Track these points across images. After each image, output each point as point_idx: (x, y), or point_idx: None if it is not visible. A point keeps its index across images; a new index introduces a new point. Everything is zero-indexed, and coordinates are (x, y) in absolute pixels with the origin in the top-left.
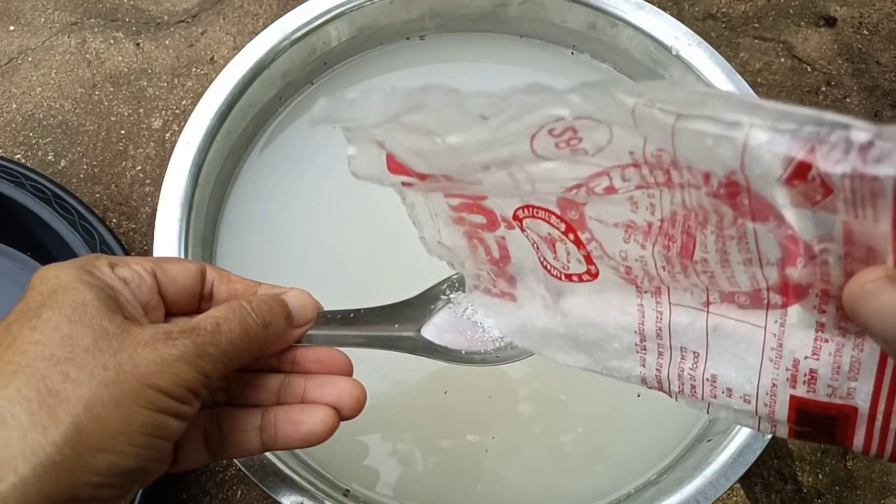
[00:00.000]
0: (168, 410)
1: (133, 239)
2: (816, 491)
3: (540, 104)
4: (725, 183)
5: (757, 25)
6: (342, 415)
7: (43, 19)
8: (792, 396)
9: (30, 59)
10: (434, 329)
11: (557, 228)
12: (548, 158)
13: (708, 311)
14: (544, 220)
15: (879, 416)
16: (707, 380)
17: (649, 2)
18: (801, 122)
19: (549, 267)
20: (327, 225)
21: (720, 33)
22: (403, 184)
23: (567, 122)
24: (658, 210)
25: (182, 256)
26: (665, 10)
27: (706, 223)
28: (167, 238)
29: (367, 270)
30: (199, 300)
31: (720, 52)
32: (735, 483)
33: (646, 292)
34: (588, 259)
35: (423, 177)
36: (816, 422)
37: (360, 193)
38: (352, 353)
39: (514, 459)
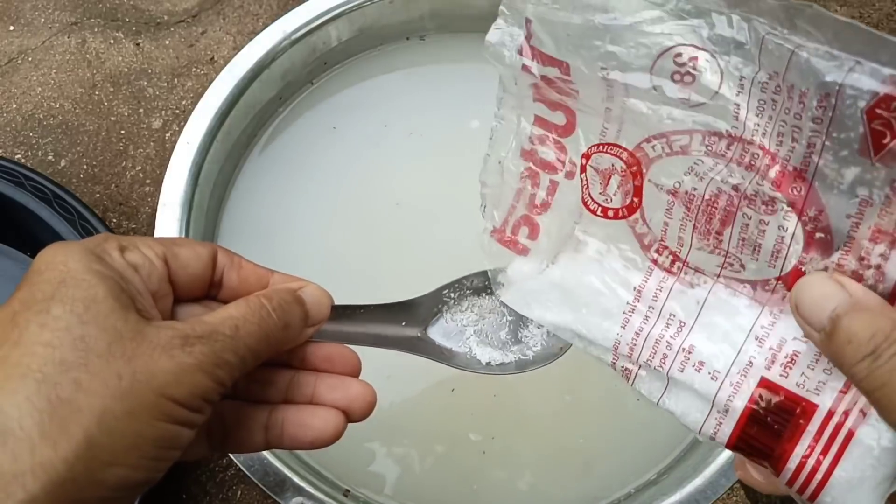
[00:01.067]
0: (182, 421)
1: None
2: None
3: (685, 13)
4: (817, 106)
5: None
6: (351, 418)
7: (43, 19)
8: (763, 378)
9: (30, 59)
10: (440, 331)
11: (624, 161)
12: (656, 88)
13: (716, 280)
14: (616, 155)
15: (835, 418)
16: (682, 349)
17: None
18: None
19: (588, 202)
20: (327, 225)
21: None
22: (524, 67)
23: (696, 49)
24: (712, 183)
25: None
26: None
27: (750, 206)
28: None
29: (367, 271)
30: (209, 286)
31: None
32: (735, 483)
33: (663, 252)
34: (637, 191)
35: (547, 61)
36: (772, 413)
37: (360, 193)
38: (357, 349)
39: (515, 460)
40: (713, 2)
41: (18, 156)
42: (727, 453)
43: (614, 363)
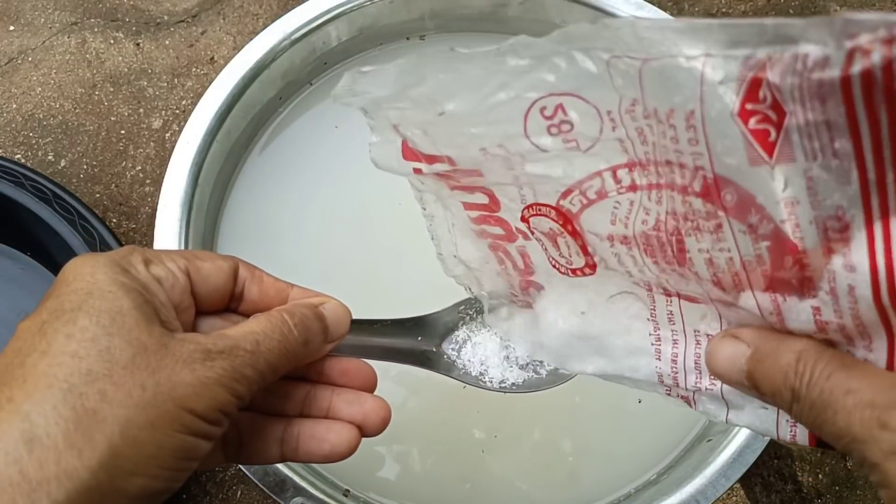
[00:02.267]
0: (200, 433)
1: (133, 239)
2: (816, 491)
3: (527, 69)
4: (686, 126)
5: None
6: (366, 433)
7: (43, 19)
8: None
9: (30, 59)
10: (455, 347)
11: (556, 222)
12: (541, 148)
13: (711, 302)
14: (545, 215)
15: None
16: None
17: (649, 2)
18: (754, 44)
19: (556, 264)
20: (328, 225)
21: None
22: (415, 170)
23: (556, 97)
24: (647, 216)
25: None
26: (665, 10)
27: (690, 226)
28: (167, 238)
29: (368, 272)
30: (230, 299)
31: None
32: (735, 483)
33: (650, 283)
34: (584, 250)
35: (430, 159)
36: None
37: (361, 193)
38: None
39: (516, 459)
40: (546, 46)
41: (18, 156)
42: (727, 453)
43: (668, 394)
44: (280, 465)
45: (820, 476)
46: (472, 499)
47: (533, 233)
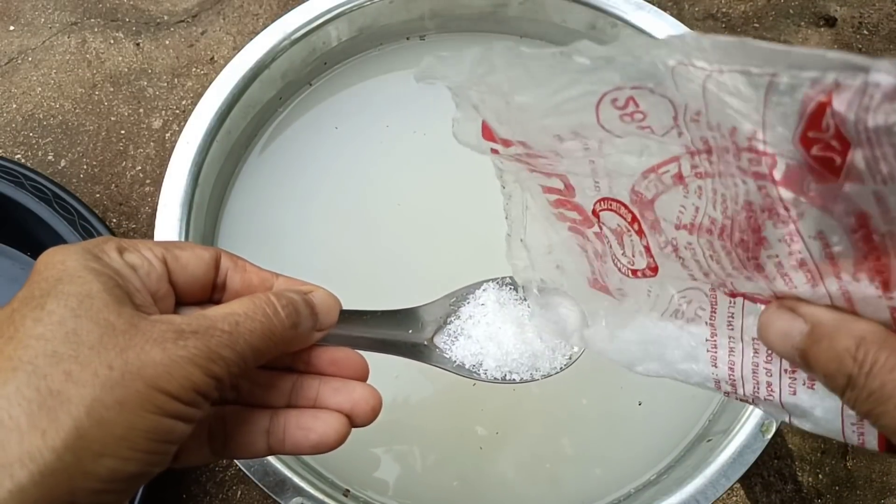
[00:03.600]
0: (175, 414)
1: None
2: (816, 491)
3: (592, 68)
4: (747, 147)
5: (757, 25)
6: (355, 423)
7: (43, 19)
8: None
9: (30, 59)
10: (448, 340)
11: (625, 219)
12: (615, 134)
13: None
14: (615, 211)
15: None
16: (784, 371)
17: (649, 2)
18: (824, 67)
19: (618, 264)
20: (328, 224)
21: (720, 33)
22: (492, 150)
23: (626, 91)
24: (717, 203)
25: None
26: (665, 10)
27: (766, 216)
28: (167, 238)
29: (368, 271)
30: (212, 290)
31: None
32: (735, 483)
33: (712, 284)
34: (648, 251)
35: (506, 143)
36: None
37: (361, 193)
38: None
39: (517, 459)
40: (610, 50)
41: (18, 156)
42: (727, 453)
43: (728, 395)
44: (280, 466)
45: (820, 476)
46: (472, 498)
47: (601, 228)
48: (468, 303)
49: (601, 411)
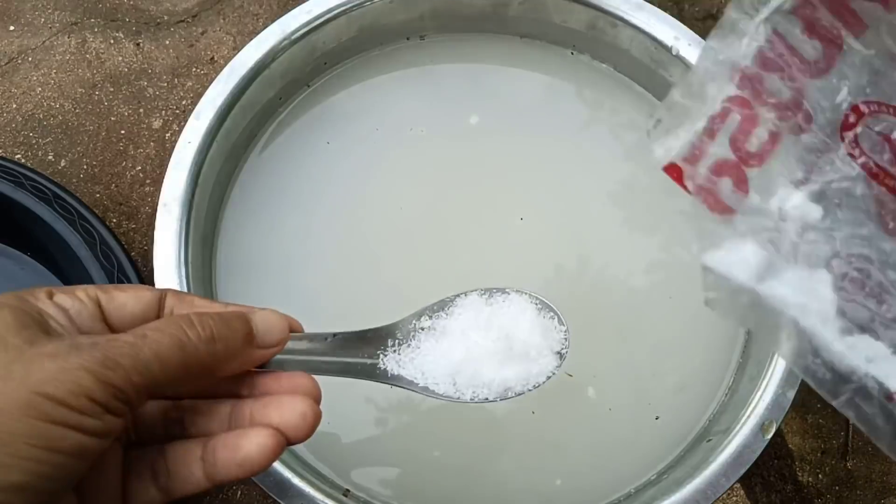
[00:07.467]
0: (65, 422)
1: (133, 239)
2: (816, 491)
3: None
4: None
5: None
6: (288, 436)
7: (43, 19)
8: None
9: (30, 59)
10: (413, 361)
11: None
12: None
13: None
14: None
15: None
16: None
17: (649, 2)
18: None
19: (879, 174)
20: (328, 225)
21: None
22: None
23: None
24: None
25: (182, 257)
26: (665, 10)
27: None
28: (167, 238)
29: (369, 270)
30: None
31: None
32: (735, 483)
33: None
34: None
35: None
36: None
37: (361, 192)
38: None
39: (518, 457)
40: None
41: (18, 156)
42: (727, 453)
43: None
44: (280, 466)
45: (820, 476)
46: (473, 497)
47: (850, 128)
48: (443, 317)
49: (602, 410)
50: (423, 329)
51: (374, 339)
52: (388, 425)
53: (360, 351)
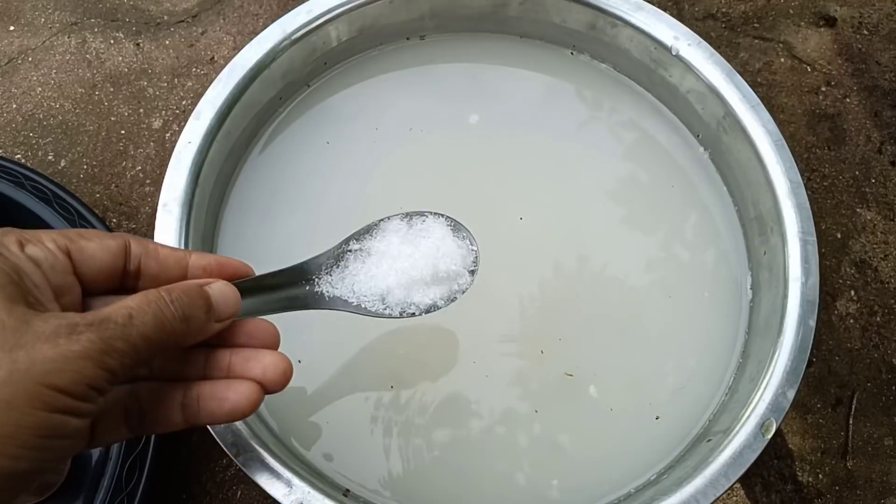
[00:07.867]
0: (67, 410)
1: None
2: (816, 491)
3: None
4: None
5: (757, 25)
6: (267, 389)
7: (43, 19)
8: None
9: (30, 59)
10: (346, 283)
11: None
12: None
13: None
14: None
15: None
16: None
17: (649, 2)
18: None
19: None
20: (328, 224)
21: (720, 33)
22: None
23: None
24: None
25: None
26: (665, 10)
27: None
28: (167, 238)
29: None
30: (123, 277)
31: (720, 52)
32: (735, 483)
33: None
34: None
35: None
36: None
37: (362, 193)
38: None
39: (517, 456)
40: None
41: (18, 156)
42: (727, 453)
43: None
44: (280, 466)
45: (820, 476)
46: (472, 496)
47: None
48: (369, 239)
49: (603, 410)
50: (351, 251)
51: (310, 268)
52: (388, 425)
53: (300, 280)
